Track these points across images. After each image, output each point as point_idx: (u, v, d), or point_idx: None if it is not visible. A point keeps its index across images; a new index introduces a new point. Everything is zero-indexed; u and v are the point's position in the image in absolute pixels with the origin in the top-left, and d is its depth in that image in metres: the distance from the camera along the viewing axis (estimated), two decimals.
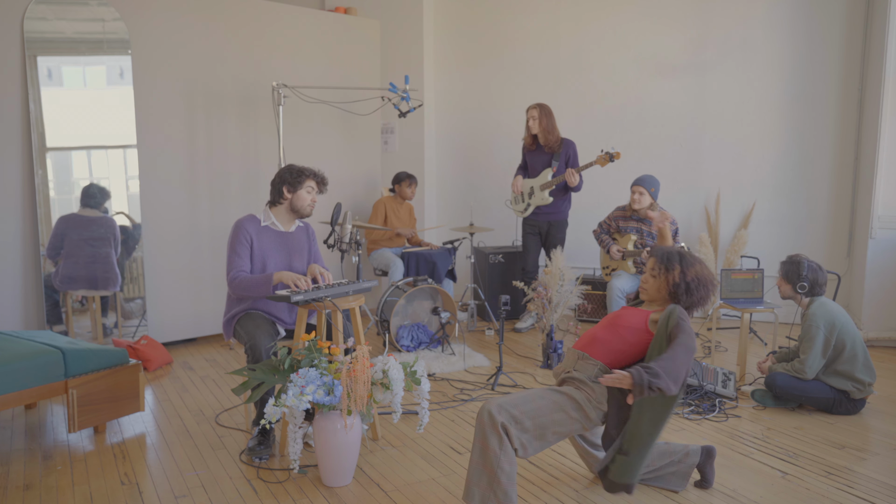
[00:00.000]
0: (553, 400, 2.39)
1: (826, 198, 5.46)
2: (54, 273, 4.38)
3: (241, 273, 3.18)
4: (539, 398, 2.38)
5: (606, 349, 2.53)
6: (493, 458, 2.25)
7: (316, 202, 3.38)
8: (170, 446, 3.21)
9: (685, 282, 2.54)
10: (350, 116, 5.70)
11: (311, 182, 3.33)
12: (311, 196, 3.33)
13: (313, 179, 3.33)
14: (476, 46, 6.42)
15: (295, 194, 3.31)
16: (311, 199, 3.34)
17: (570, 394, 2.43)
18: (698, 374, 3.78)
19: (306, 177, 3.30)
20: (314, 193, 3.35)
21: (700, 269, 2.56)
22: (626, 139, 5.84)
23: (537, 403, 2.36)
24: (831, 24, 5.30)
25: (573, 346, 2.61)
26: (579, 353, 2.56)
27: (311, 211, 3.37)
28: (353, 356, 2.74)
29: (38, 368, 3.07)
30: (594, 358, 2.52)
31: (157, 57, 4.69)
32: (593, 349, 2.53)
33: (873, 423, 3.46)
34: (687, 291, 2.54)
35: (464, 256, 6.30)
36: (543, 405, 2.36)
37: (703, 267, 2.59)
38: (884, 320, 4.89)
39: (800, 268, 3.61)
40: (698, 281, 2.54)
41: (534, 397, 2.38)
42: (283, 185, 3.30)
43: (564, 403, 2.40)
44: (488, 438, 2.27)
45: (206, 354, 4.78)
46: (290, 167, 3.33)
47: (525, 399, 2.36)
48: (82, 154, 4.58)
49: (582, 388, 2.46)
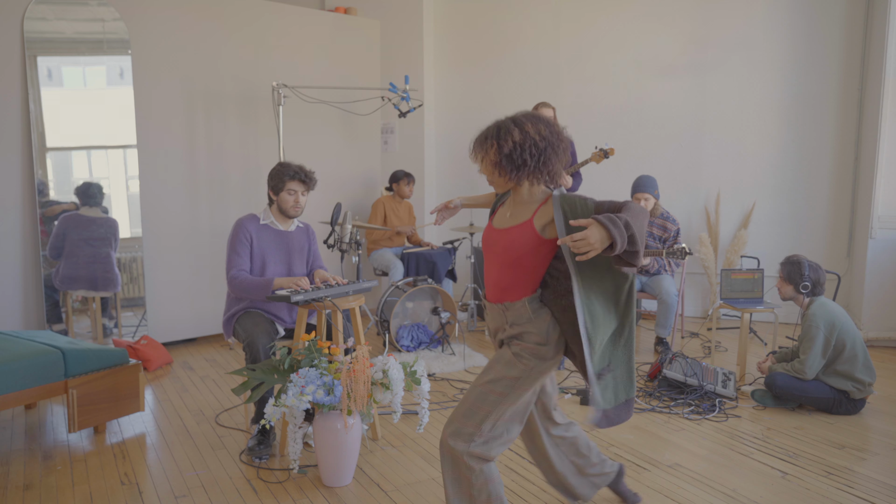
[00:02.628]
0: (499, 393, 2.11)
1: (826, 198, 5.46)
2: (54, 273, 4.38)
3: (241, 273, 3.19)
4: (483, 400, 2.11)
5: (521, 284, 2.14)
6: (470, 484, 2.12)
7: (301, 201, 3.31)
8: (170, 446, 3.21)
9: (504, 155, 2.05)
10: (350, 116, 5.69)
11: (293, 184, 3.27)
12: (293, 198, 3.29)
13: (295, 180, 3.27)
14: (476, 46, 6.42)
15: (278, 197, 3.30)
16: (294, 200, 3.29)
17: (508, 374, 2.12)
18: (698, 374, 3.78)
19: (288, 178, 3.26)
20: (297, 195, 3.29)
21: (523, 131, 2.05)
22: (625, 139, 5.84)
23: (486, 408, 2.10)
24: (831, 24, 5.30)
25: (489, 300, 2.24)
26: (501, 306, 2.18)
27: (297, 212, 3.33)
28: (353, 356, 2.74)
29: (38, 368, 3.07)
30: (518, 300, 2.15)
31: (157, 57, 4.69)
32: (510, 294, 2.16)
33: (873, 423, 3.46)
34: (521, 164, 2.05)
35: (464, 256, 6.30)
36: (491, 404, 2.10)
37: (533, 124, 2.08)
38: (884, 320, 4.89)
39: (801, 268, 3.60)
40: (523, 145, 2.03)
41: (479, 401, 2.11)
42: (269, 187, 3.32)
43: (509, 389, 2.11)
44: (458, 469, 2.11)
45: (206, 354, 4.78)
46: (276, 168, 3.31)
47: (472, 409, 2.11)
48: (82, 154, 4.58)
49: (522, 354, 2.13)
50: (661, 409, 3.63)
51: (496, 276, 2.19)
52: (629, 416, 2.19)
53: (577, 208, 2.04)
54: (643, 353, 4.76)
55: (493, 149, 2.09)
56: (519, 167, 2.07)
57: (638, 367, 4.38)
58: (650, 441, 3.23)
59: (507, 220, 2.19)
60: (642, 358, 4.62)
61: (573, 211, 2.04)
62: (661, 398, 3.78)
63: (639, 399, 3.78)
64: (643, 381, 4.10)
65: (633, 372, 2.17)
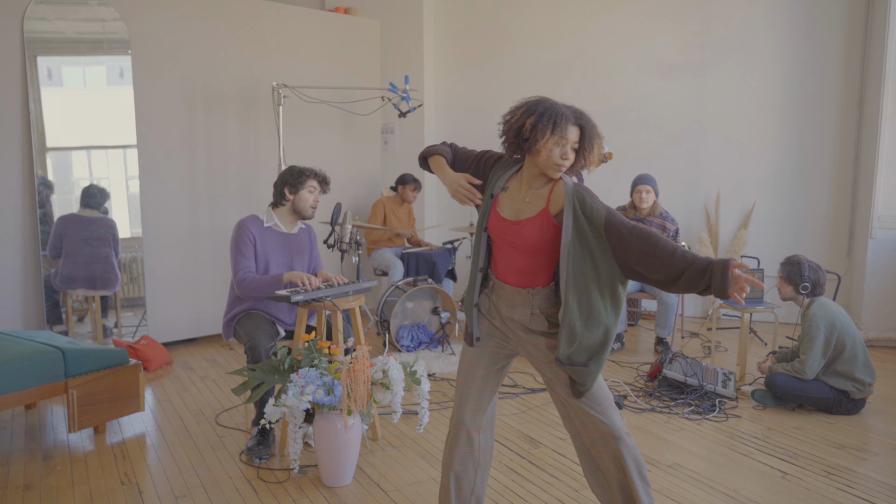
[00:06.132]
0: (491, 390, 2.15)
1: (826, 198, 5.46)
2: (54, 273, 4.38)
3: (248, 274, 3.18)
4: (483, 397, 2.14)
5: (547, 268, 2.07)
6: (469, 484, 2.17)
7: (318, 203, 3.37)
8: (170, 446, 3.21)
9: (510, 131, 2.05)
10: (350, 116, 5.69)
11: (314, 182, 3.32)
12: (313, 196, 3.33)
13: (315, 179, 3.33)
14: (476, 46, 6.42)
15: (297, 195, 3.30)
16: (314, 198, 3.33)
17: (477, 365, 2.14)
18: (698, 374, 3.78)
19: (307, 177, 3.30)
20: (317, 193, 3.35)
21: (516, 114, 2.06)
22: (626, 139, 5.84)
23: (486, 403, 2.15)
24: (831, 24, 5.30)
25: (503, 281, 2.11)
26: (528, 290, 2.07)
27: (313, 213, 3.37)
28: (353, 356, 2.74)
29: (38, 368, 3.07)
30: (547, 285, 2.07)
31: (157, 57, 4.69)
32: (538, 278, 2.07)
33: (873, 423, 3.46)
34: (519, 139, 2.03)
35: (464, 256, 6.30)
36: (487, 398, 2.14)
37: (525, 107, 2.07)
38: (884, 320, 4.89)
39: (801, 268, 3.60)
40: (516, 126, 2.04)
41: (479, 395, 2.14)
42: (284, 186, 3.30)
43: (477, 374, 2.14)
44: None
45: (206, 354, 4.78)
46: (291, 168, 3.32)
47: (478, 404, 2.14)
48: (82, 154, 4.58)
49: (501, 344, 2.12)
50: (661, 409, 3.63)
51: (521, 263, 2.07)
52: None
53: (588, 207, 1.98)
54: (643, 353, 4.76)
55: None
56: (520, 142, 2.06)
57: (638, 367, 4.38)
58: (650, 441, 3.23)
59: (519, 209, 2.07)
60: (642, 358, 4.62)
61: (583, 207, 1.98)
62: (661, 398, 3.78)
63: (639, 399, 3.79)
64: (643, 381, 4.10)
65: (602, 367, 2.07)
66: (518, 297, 2.08)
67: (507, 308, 2.10)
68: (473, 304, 2.16)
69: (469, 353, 2.18)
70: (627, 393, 3.86)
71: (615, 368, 4.36)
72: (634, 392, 3.88)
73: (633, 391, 3.90)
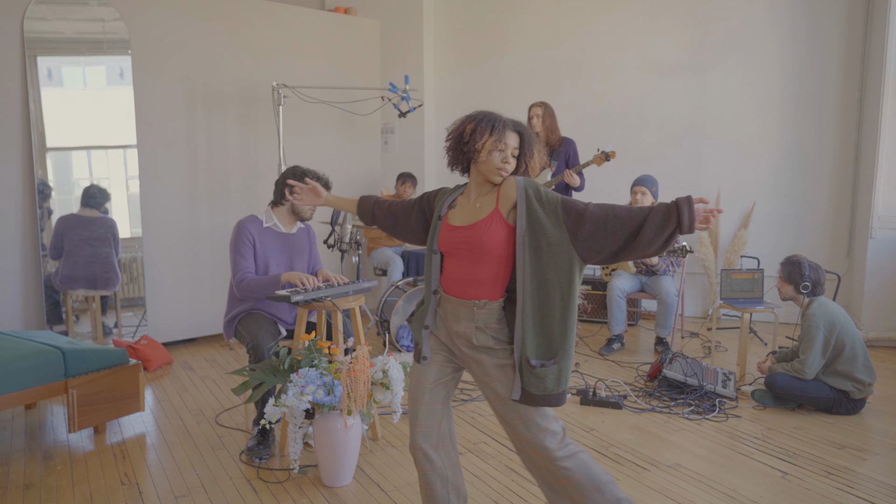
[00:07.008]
0: (441, 403, 2.13)
1: (826, 198, 5.46)
2: (54, 273, 4.38)
3: (247, 275, 3.18)
4: (432, 412, 2.11)
5: (492, 284, 2.03)
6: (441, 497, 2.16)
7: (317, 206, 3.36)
8: (170, 446, 3.21)
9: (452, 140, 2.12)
10: (350, 116, 5.69)
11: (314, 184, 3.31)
12: None
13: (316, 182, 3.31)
14: (476, 46, 6.42)
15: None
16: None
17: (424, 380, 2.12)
18: (698, 374, 3.78)
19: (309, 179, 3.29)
20: None
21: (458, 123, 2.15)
22: (625, 139, 5.84)
23: (436, 418, 2.11)
24: (831, 24, 5.30)
25: (450, 294, 2.07)
26: (473, 303, 2.02)
27: (312, 214, 3.38)
28: (353, 356, 2.74)
29: (38, 368, 3.07)
30: (496, 299, 2.04)
31: (157, 57, 4.69)
32: (487, 290, 2.03)
33: (873, 423, 3.46)
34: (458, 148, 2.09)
35: None
36: (437, 412, 2.12)
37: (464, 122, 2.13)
38: (884, 320, 4.89)
39: (801, 268, 3.61)
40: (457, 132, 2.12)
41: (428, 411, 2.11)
42: (285, 186, 3.30)
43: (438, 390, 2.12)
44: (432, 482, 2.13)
45: (206, 354, 4.78)
46: (294, 168, 3.32)
47: (427, 420, 2.11)
48: (82, 154, 4.58)
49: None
50: (661, 409, 3.63)
51: (469, 273, 2.03)
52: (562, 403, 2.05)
53: (543, 195, 1.98)
54: (643, 353, 4.77)
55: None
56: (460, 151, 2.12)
57: (638, 367, 4.38)
58: (650, 441, 3.23)
59: (470, 216, 2.06)
60: (642, 358, 4.62)
61: (538, 195, 1.98)
62: (661, 398, 3.78)
63: (639, 399, 3.79)
64: (643, 381, 4.10)
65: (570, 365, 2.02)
66: (463, 310, 2.04)
67: (452, 321, 2.08)
68: (423, 325, 2.15)
69: (416, 369, 2.17)
70: (627, 393, 3.86)
71: (615, 368, 4.37)
72: (634, 392, 3.88)
73: (633, 391, 3.90)
